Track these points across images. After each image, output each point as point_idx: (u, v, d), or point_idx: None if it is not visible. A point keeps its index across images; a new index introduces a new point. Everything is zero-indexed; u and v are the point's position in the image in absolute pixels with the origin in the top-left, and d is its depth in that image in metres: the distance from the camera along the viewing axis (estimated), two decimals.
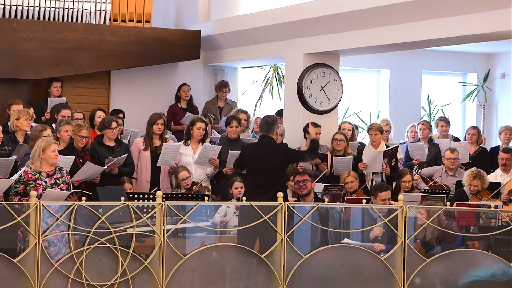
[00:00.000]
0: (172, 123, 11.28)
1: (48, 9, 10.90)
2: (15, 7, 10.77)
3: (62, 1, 10.93)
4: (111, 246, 6.75)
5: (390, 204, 7.86)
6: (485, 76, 13.97)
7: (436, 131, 11.15)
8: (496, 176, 9.33)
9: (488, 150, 10.66)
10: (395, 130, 11.32)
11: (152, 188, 8.96)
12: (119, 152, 8.89)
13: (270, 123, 8.19)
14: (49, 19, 10.92)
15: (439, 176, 9.76)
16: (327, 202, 7.52)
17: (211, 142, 9.69)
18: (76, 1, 10.99)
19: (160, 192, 7.06)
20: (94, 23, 11.20)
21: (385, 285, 7.19)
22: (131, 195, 7.95)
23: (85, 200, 6.80)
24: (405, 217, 7.15)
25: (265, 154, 8.02)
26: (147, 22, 11.47)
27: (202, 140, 9.36)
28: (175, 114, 11.38)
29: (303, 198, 8.25)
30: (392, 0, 8.75)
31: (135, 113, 11.19)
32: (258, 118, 10.81)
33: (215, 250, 7.15)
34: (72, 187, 7.73)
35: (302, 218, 7.12)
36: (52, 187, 7.34)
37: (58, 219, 6.65)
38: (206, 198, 7.37)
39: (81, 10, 11.08)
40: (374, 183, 8.99)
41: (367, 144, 9.98)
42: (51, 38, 10.81)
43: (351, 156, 9.62)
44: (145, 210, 6.92)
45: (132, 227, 6.81)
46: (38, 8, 10.86)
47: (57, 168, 7.47)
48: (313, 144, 8.45)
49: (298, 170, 8.76)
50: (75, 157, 8.34)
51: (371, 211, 7.38)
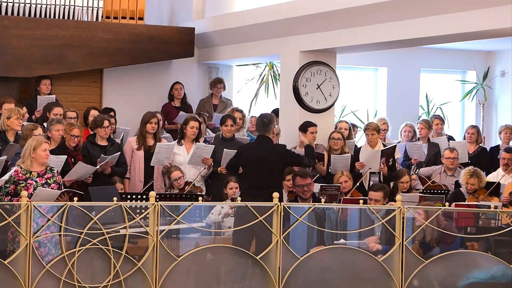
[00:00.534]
0: (166, 122, 11.17)
1: (40, 5, 10.84)
2: (6, 4, 10.70)
3: None
4: (103, 247, 6.67)
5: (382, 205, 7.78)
6: (484, 74, 13.86)
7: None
8: (497, 176, 9.23)
9: (488, 150, 10.60)
10: (392, 129, 11.23)
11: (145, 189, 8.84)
12: (111, 151, 8.81)
13: (266, 123, 8.10)
14: (40, 15, 10.86)
15: (439, 174, 9.68)
16: (324, 202, 7.42)
17: (205, 141, 9.57)
18: None
19: (153, 193, 6.98)
20: (86, 20, 11.12)
21: (382, 287, 7.10)
22: (124, 196, 7.87)
23: (77, 200, 6.71)
24: (403, 217, 7.06)
25: (262, 154, 7.94)
26: (140, 19, 11.42)
27: (196, 139, 9.25)
28: (168, 113, 11.30)
29: (303, 199, 8.14)
30: None
31: (128, 112, 11.12)
32: (253, 117, 10.71)
33: (210, 252, 7.07)
34: (63, 187, 7.68)
35: (298, 219, 7.03)
36: (43, 187, 7.26)
37: (49, 219, 6.57)
38: (201, 198, 7.28)
39: (72, 7, 11.02)
40: (372, 183, 8.90)
41: (363, 143, 9.89)
42: (42, 35, 10.73)
43: (349, 154, 9.55)
44: (138, 211, 6.84)
45: (125, 228, 6.72)
46: (29, 5, 10.80)
47: (48, 168, 7.44)
48: (308, 149, 8.34)
49: (295, 170, 8.63)
50: (66, 156, 8.30)
51: (368, 212, 7.30)
